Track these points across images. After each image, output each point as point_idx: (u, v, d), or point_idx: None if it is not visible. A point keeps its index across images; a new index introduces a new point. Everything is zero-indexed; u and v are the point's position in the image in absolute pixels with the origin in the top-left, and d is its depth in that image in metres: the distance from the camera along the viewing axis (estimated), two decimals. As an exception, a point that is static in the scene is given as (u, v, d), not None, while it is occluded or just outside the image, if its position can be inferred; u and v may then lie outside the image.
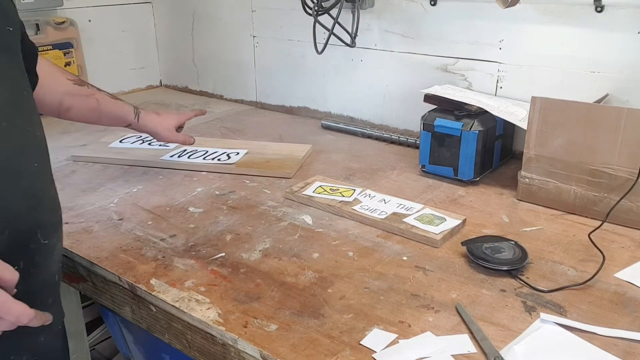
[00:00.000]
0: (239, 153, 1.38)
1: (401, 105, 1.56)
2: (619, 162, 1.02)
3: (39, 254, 0.74)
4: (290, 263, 0.93)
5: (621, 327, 0.76)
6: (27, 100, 0.77)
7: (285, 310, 0.81)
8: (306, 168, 1.34)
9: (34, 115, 0.78)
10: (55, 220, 0.79)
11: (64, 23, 1.79)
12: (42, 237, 0.73)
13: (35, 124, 0.76)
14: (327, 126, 1.64)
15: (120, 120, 1.18)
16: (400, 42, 1.51)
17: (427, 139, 1.25)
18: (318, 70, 1.70)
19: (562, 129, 1.07)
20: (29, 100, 0.78)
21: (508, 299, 0.83)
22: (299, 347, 0.73)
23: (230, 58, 1.93)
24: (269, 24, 1.77)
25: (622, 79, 1.20)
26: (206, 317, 0.79)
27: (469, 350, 0.72)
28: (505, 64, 1.35)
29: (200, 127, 1.67)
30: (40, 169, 0.75)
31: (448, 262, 0.93)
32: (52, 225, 0.77)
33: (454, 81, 1.43)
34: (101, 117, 1.16)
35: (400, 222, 1.03)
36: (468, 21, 1.37)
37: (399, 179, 1.28)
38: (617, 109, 1.03)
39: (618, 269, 0.90)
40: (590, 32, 1.21)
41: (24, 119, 0.74)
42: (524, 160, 1.13)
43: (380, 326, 0.77)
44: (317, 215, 1.10)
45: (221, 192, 1.21)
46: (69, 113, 1.10)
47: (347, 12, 1.48)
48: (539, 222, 1.07)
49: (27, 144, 0.73)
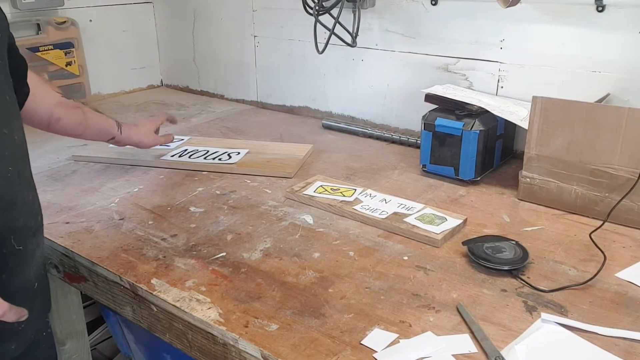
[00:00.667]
0: (240, 153, 1.38)
1: (402, 105, 1.56)
2: (620, 162, 1.02)
3: (12, 259, 0.72)
4: (291, 263, 0.93)
5: (622, 327, 0.76)
6: (7, 103, 0.76)
7: (286, 310, 0.81)
8: (307, 168, 1.34)
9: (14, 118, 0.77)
10: (31, 225, 0.77)
11: (65, 23, 1.79)
12: (16, 242, 0.72)
13: (14, 127, 0.75)
14: (327, 126, 1.64)
15: (104, 133, 1.20)
16: (401, 42, 1.51)
17: (428, 139, 1.25)
18: (319, 70, 1.70)
19: (563, 128, 1.07)
20: (10, 104, 0.77)
21: (509, 299, 0.83)
22: (299, 346, 0.73)
23: (231, 58, 1.93)
24: (270, 23, 1.77)
25: (623, 78, 1.20)
26: (207, 316, 0.79)
27: (470, 350, 0.72)
28: (506, 63, 1.35)
29: (202, 126, 1.67)
30: (14, 173, 0.74)
31: (449, 261, 0.93)
32: (29, 230, 0.76)
33: (455, 81, 1.43)
34: (86, 131, 1.16)
35: (401, 222, 1.03)
36: (469, 21, 1.37)
37: (400, 178, 1.28)
38: (618, 108, 1.03)
39: (619, 269, 0.90)
40: (591, 31, 1.21)
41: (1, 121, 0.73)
42: (525, 159, 1.13)
43: (381, 326, 0.77)
44: (318, 215, 1.10)
45: (222, 191, 1.21)
46: (58, 124, 1.10)
47: (347, 11, 1.48)
48: (540, 222, 1.07)
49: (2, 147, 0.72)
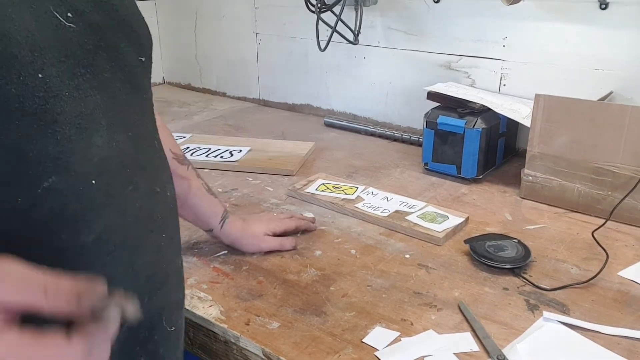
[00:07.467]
0: (242, 150, 1.38)
1: (404, 103, 1.55)
2: (623, 160, 1.02)
3: (163, 345, 0.59)
4: (292, 260, 0.93)
5: (625, 325, 0.76)
6: (157, 151, 0.60)
7: (287, 307, 0.81)
8: (309, 165, 1.34)
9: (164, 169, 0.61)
10: (180, 297, 0.65)
11: (67, 20, 1.78)
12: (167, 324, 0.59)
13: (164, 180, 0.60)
14: (329, 124, 1.64)
15: (202, 221, 0.93)
16: (403, 40, 1.50)
17: (430, 137, 1.25)
18: (321, 68, 1.70)
19: (566, 126, 1.06)
20: (161, 152, 0.62)
21: (511, 297, 0.83)
22: (301, 344, 0.73)
23: (233, 55, 1.93)
24: (272, 21, 1.77)
25: (626, 76, 1.19)
26: (208, 314, 0.79)
27: (472, 348, 0.72)
28: (509, 61, 1.35)
29: (204, 124, 1.67)
30: (168, 241, 0.60)
31: (451, 260, 0.93)
32: (177, 304, 0.64)
33: (457, 78, 1.42)
34: (182, 208, 0.78)
35: (402, 220, 1.03)
36: (471, 18, 1.37)
37: (402, 176, 1.27)
38: (622, 106, 1.02)
39: (622, 267, 0.90)
40: (594, 29, 1.21)
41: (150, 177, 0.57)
42: (528, 158, 1.13)
43: (382, 324, 0.77)
44: (320, 212, 1.10)
45: (224, 189, 1.21)
46: None
47: (350, 9, 1.48)
48: (542, 220, 1.06)
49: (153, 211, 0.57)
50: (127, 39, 0.55)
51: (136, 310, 0.40)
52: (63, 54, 0.46)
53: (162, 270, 0.59)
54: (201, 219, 0.93)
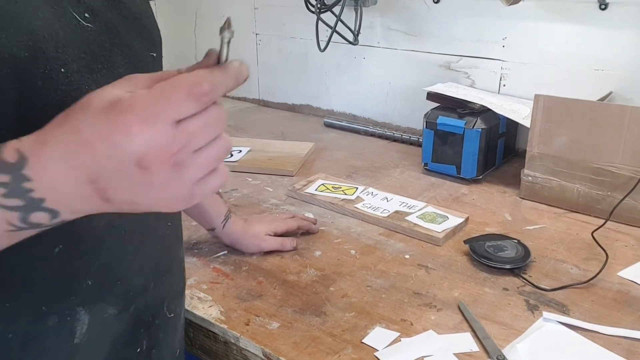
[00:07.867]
0: (242, 151, 1.38)
1: (404, 103, 1.55)
2: (622, 161, 1.02)
3: (163, 330, 0.64)
4: (292, 261, 0.93)
5: (624, 325, 0.76)
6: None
7: (287, 308, 0.81)
8: (309, 166, 1.34)
9: None
10: (182, 286, 0.70)
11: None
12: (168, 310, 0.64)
13: None
14: (329, 124, 1.64)
15: (205, 219, 0.94)
16: (403, 40, 1.50)
17: (429, 137, 1.25)
18: (321, 68, 1.70)
19: (566, 127, 1.06)
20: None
21: (511, 298, 0.83)
22: (300, 345, 0.73)
23: (232, 56, 1.91)
24: (272, 21, 1.77)
25: (626, 76, 1.19)
26: (208, 314, 0.79)
27: (472, 348, 0.72)
28: (509, 61, 1.35)
29: (203, 124, 1.67)
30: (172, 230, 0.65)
31: (450, 260, 0.93)
32: (178, 292, 0.69)
33: (457, 79, 1.42)
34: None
35: (402, 220, 1.03)
36: (471, 19, 1.37)
37: (402, 177, 1.27)
38: (621, 107, 1.02)
39: (621, 268, 0.90)
40: (594, 29, 1.21)
41: None
42: (527, 158, 1.13)
43: (382, 324, 0.77)
44: (320, 213, 1.10)
45: (224, 189, 1.21)
46: None
47: (349, 9, 1.48)
48: (542, 221, 1.06)
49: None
50: (139, 36, 0.58)
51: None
52: (82, 51, 0.50)
53: (167, 259, 0.64)
54: (205, 218, 0.94)
